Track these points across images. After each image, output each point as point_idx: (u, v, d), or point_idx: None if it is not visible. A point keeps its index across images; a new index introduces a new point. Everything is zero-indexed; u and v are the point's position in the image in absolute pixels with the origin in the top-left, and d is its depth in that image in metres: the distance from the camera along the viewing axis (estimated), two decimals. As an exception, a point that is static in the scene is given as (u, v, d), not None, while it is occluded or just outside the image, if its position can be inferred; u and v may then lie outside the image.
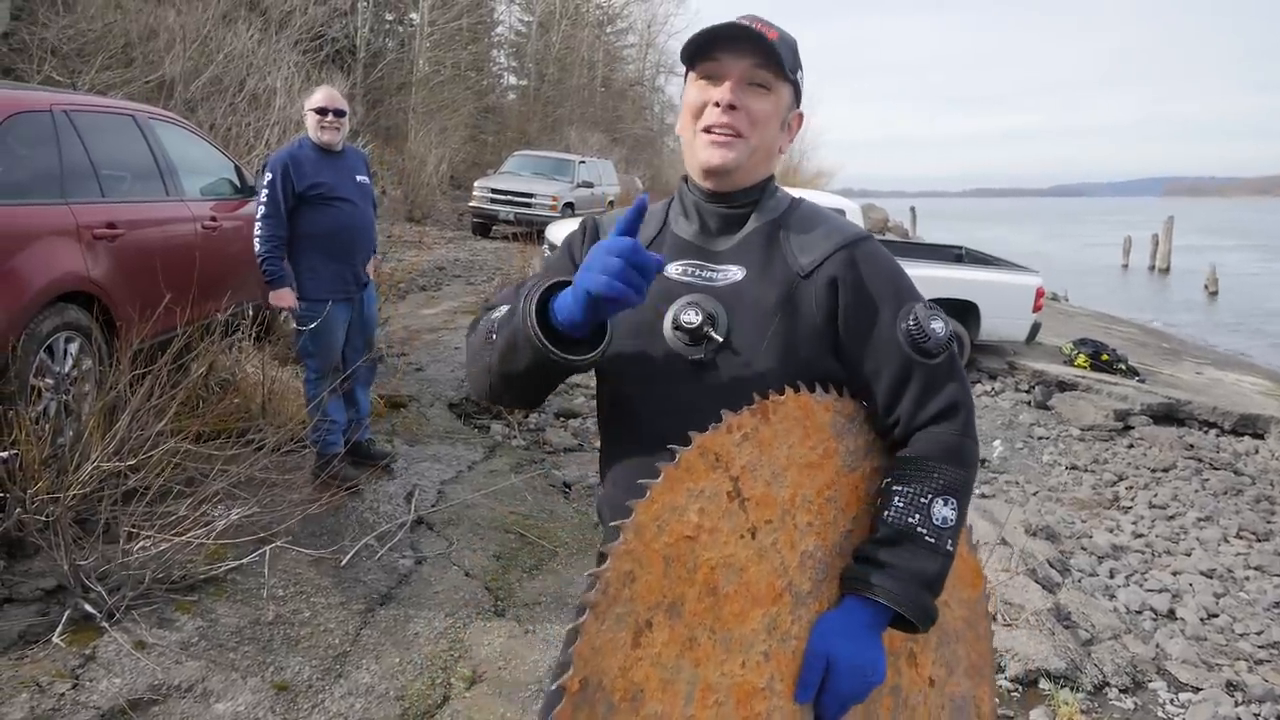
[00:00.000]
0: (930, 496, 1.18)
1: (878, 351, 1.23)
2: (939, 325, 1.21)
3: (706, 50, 1.24)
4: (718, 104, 1.22)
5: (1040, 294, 8.66)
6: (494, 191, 15.61)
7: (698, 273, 1.28)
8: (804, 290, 1.24)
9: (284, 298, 3.72)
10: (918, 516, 1.17)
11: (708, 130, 1.24)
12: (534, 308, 1.11)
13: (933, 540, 1.17)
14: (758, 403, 1.17)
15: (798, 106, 1.32)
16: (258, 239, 3.69)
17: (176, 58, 10.43)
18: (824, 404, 1.22)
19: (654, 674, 1.07)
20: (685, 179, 1.35)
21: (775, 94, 1.25)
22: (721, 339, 1.23)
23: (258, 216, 3.70)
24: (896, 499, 1.19)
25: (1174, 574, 4.91)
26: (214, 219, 4.90)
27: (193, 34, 10.84)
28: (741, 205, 1.30)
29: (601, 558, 1.33)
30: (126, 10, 10.56)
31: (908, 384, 1.22)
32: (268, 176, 3.68)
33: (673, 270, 1.29)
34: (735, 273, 1.27)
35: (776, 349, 1.22)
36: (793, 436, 1.19)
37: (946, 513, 1.18)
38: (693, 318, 1.22)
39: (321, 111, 3.74)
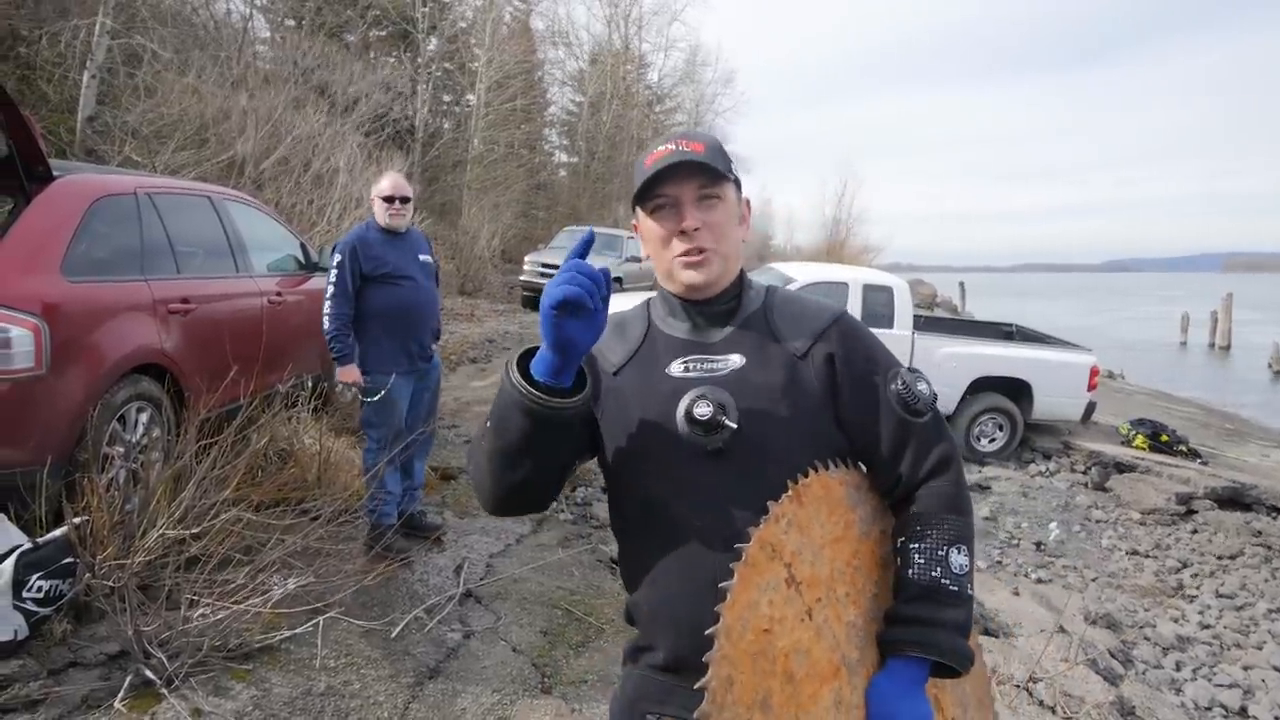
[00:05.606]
0: (945, 548, 1.25)
1: (877, 416, 1.31)
2: (924, 387, 1.32)
3: (653, 190, 1.31)
4: (684, 231, 1.30)
5: (1095, 372, 8.52)
6: (544, 266, 15.94)
7: (699, 365, 1.33)
8: (804, 369, 1.31)
9: (350, 374, 3.85)
10: (939, 569, 1.24)
11: (684, 254, 1.31)
12: (514, 361, 1.21)
13: (956, 589, 1.24)
14: (791, 489, 1.21)
15: (741, 193, 1.40)
16: (326, 317, 3.84)
17: (247, 139, 10.97)
18: (839, 478, 1.28)
19: None
20: (661, 289, 1.42)
21: (724, 200, 1.33)
22: (735, 425, 1.26)
23: (326, 296, 3.85)
24: (916, 556, 1.26)
25: (1245, 669, 4.70)
26: (279, 293, 5.10)
27: (264, 117, 11.41)
28: (727, 302, 1.38)
29: (635, 654, 1.34)
30: (203, 96, 11.17)
31: (906, 443, 1.30)
32: (336, 258, 3.85)
33: (675, 369, 1.34)
34: (735, 360, 1.32)
35: (789, 428, 1.28)
36: (821, 514, 1.24)
37: (962, 560, 1.26)
38: (705, 410, 1.25)
39: (389, 200, 3.93)
